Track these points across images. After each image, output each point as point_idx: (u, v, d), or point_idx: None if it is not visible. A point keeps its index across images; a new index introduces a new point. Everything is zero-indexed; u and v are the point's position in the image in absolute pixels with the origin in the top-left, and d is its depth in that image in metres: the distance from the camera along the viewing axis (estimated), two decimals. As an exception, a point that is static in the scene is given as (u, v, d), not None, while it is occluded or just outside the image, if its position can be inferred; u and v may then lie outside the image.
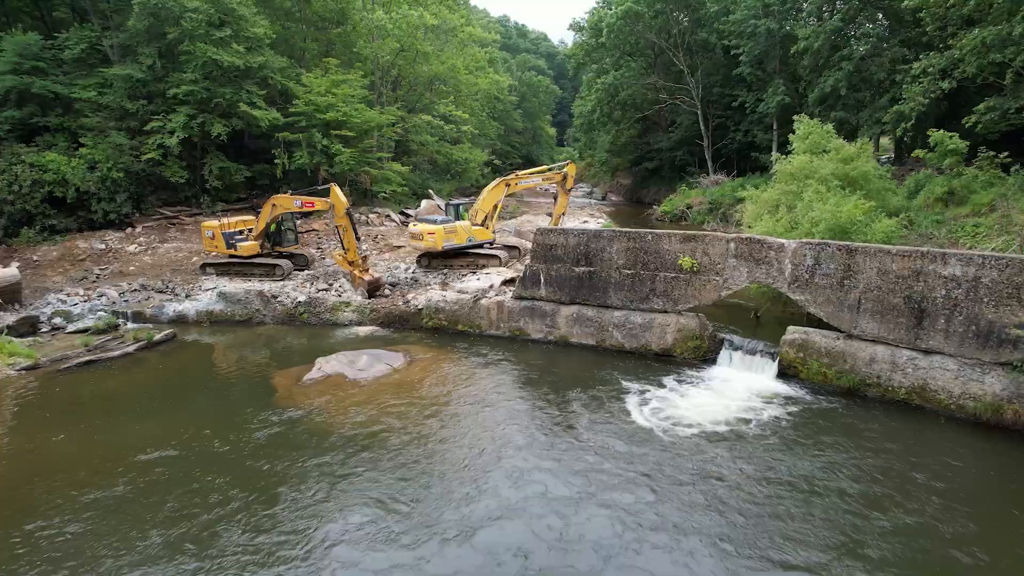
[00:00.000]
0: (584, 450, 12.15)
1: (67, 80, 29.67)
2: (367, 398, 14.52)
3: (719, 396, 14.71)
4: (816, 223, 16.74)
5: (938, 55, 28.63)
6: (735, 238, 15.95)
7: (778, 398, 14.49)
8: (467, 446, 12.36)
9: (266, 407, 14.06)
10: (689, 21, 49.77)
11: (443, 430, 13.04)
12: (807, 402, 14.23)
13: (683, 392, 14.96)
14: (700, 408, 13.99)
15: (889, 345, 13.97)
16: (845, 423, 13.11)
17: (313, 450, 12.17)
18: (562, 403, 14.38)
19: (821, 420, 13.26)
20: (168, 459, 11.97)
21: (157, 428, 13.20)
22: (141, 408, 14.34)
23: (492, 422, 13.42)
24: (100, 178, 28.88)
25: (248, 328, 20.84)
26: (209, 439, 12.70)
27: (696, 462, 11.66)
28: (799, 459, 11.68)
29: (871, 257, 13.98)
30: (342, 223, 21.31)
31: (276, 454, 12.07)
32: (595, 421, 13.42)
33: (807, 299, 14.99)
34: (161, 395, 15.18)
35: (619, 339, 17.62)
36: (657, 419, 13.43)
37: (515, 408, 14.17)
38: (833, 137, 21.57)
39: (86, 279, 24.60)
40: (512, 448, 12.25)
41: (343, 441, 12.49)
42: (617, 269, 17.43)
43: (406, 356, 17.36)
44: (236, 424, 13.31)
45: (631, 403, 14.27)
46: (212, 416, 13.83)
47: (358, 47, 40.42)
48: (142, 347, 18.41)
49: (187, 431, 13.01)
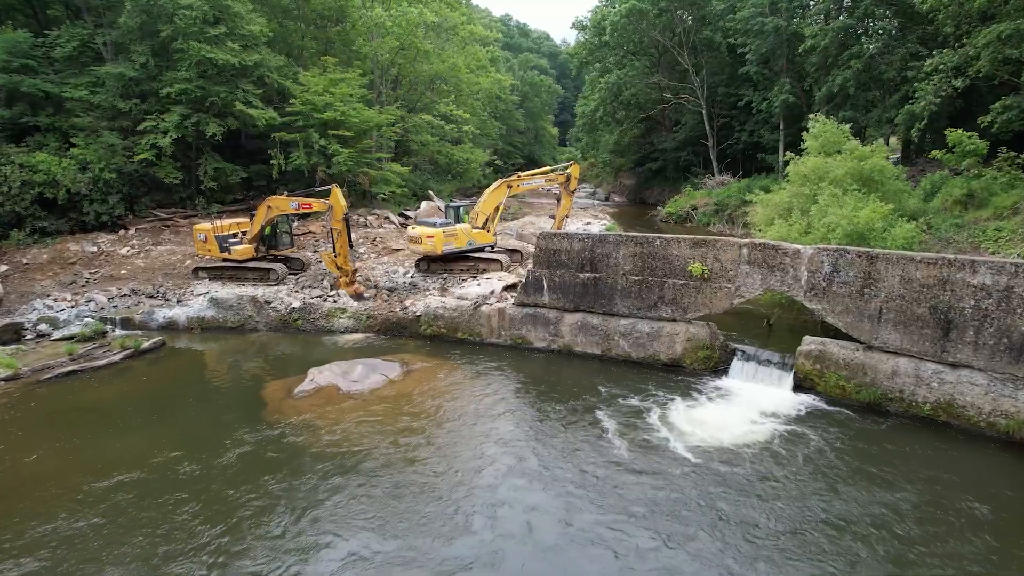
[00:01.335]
0: (588, 480, 11.20)
1: (58, 79, 28.96)
2: (359, 414, 13.77)
3: (731, 410, 13.95)
4: (832, 228, 15.95)
5: (951, 52, 27.86)
6: (748, 243, 15.18)
7: (794, 413, 13.72)
8: (463, 470, 11.57)
9: (253, 423, 13.32)
10: (693, 19, 48.98)
11: (438, 452, 12.22)
12: (825, 418, 13.46)
13: (693, 406, 14.20)
14: (712, 425, 13.22)
15: (913, 357, 13.20)
16: (868, 442, 12.34)
17: (298, 474, 11.35)
18: (565, 420, 13.61)
19: (843, 439, 12.48)
20: (139, 484, 11.13)
21: (136, 445, 12.46)
22: (123, 423, 13.61)
23: (490, 443, 12.61)
24: (92, 179, 28.15)
25: (240, 335, 20.13)
26: (188, 460, 11.91)
27: (709, 493, 10.85)
28: (824, 490, 10.77)
29: (893, 264, 13.21)
30: (337, 227, 20.68)
31: (256, 479, 11.24)
32: (600, 442, 12.60)
33: (824, 308, 14.22)
34: (145, 408, 14.43)
35: (626, 348, 16.87)
36: (667, 438, 12.65)
37: (515, 425, 13.39)
38: (848, 137, 20.76)
39: (75, 283, 23.90)
40: (511, 475, 11.42)
41: (330, 464, 11.67)
42: (624, 275, 16.68)
43: (403, 366, 16.63)
44: (219, 442, 12.55)
45: (638, 419, 13.50)
46: (195, 433, 13.08)
47: (357, 45, 39.66)
48: (129, 356, 17.71)
49: (166, 450, 12.25)
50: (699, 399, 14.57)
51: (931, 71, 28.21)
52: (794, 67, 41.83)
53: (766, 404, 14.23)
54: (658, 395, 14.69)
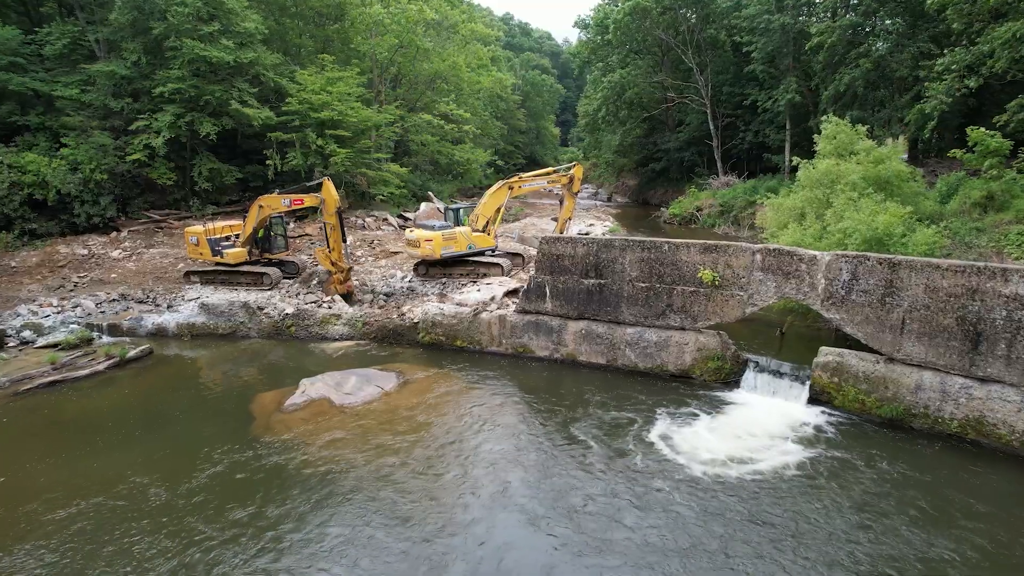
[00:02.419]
0: (591, 506, 10.37)
1: (48, 77, 28.31)
2: (352, 429, 13.03)
3: (744, 425, 13.20)
4: (849, 233, 15.19)
5: (964, 51, 27.12)
6: (762, 249, 14.43)
7: (811, 429, 12.97)
8: (460, 492, 10.80)
9: (238, 440, 12.58)
10: (698, 17, 48.24)
11: (434, 472, 11.46)
12: (845, 434, 12.71)
13: (704, 421, 13.45)
14: (723, 441, 12.48)
15: (938, 371, 12.44)
16: (893, 462, 11.56)
17: (273, 502, 10.46)
18: (568, 435, 12.85)
19: (866, 459, 11.72)
20: (100, 512, 10.22)
21: (109, 467, 11.65)
22: (101, 440, 12.84)
23: (489, 461, 11.82)
24: (83, 180, 27.53)
25: (232, 342, 19.40)
26: (160, 483, 11.07)
27: (721, 518, 10.13)
28: (853, 522, 9.90)
29: (917, 272, 12.45)
30: (331, 221, 20.15)
31: (228, 507, 10.31)
32: (604, 461, 11.81)
33: (843, 318, 13.47)
34: (125, 423, 13.66)
35: (632, 358, 16.12)
36: (675, 458, 11.89)
37: (512, 446, 12.53)
38: (863, 138, 20.00)
39: (63, 288, 23.20)
40: (510, 496, 10.66)
41: (310, 492, 10.78)
42: (630, 282, 15.93)
43: (399, 376, 15.89)
44: (198, 463, 11.73)
45: (645, 434, 12.76)
46: (175, 452, 12.26)
47: (355, 43, 38.98)
48: (114, 365, 16.97)
49: (140, 472, 11.45)
50: (710, 413, 13.82)
51: (943, 70, 27.49)
52: (800, 66, 41.08)
53: (781, 419, 13.49)
54: (666, 409, 13.94)
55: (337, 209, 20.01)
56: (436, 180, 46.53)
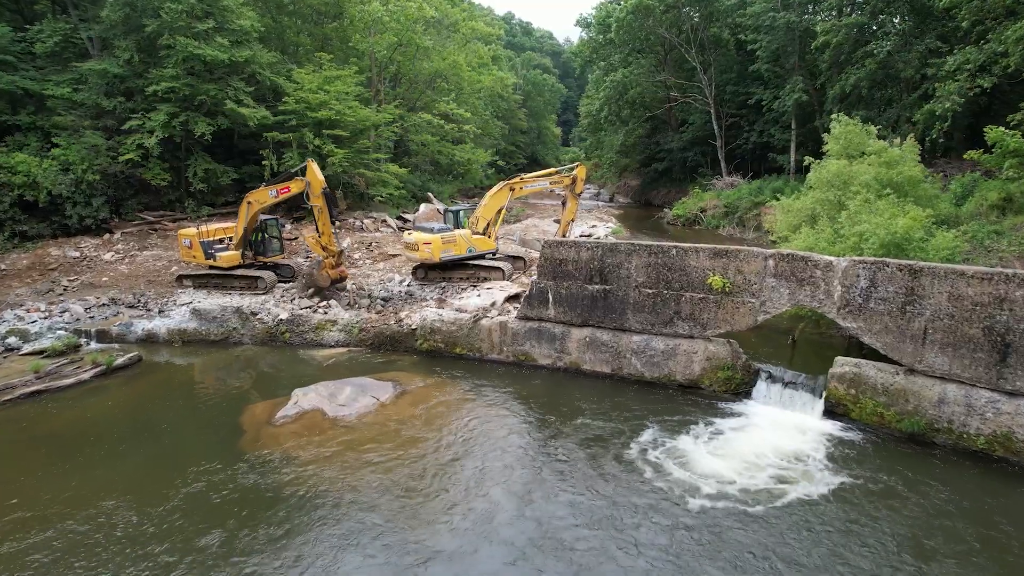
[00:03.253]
0: (584, 542, 9.56)
1: (39, 76, 27.71)
2: (343, 446, 12.39)
3: (756, 440, 12.58)
4: (865, 237, 14.55)
5: (975, 49, 26.48)
6: (774, 254, 13.80)
7: (827, 444, 12.34)
8: (449, 518, 10.10)
9: (224, 456, 11.94)
10: (701, 16, 47.57)
11: (423, 494, 10.78)
12: (863, 450, 12.08)
13: (713, 435, 12.83)
14: (734, 460, 11.82)
15: (963, 384, 11.80)
16: (926, 485, 10.86)
17: (256, 526, 9.82)
18: (569, 455, 12.17)
19: (887, 477, 11.08)
20: (60, 541, 9.49)
21: (84, 486, 10.98)
22: (83, 456, 12.18)
23: (481, 484, 11.08)
24: (74, 181, 26.89)
25: (224, 349, 18.79)
26: (134, 506, 10.36)
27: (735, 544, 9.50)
28: (897, 559, 9.12)
29: (941, 280, 11.81)
30: (318, 203, 19.61)
31: (200, 533, 9.63)
32: (606, 485, 11.09)
33: (860, 327, 12.84)
34: (108, 438, 13.03)
35: (638, 367, 15.49)
36: (682, 476, 11.26)
37: (511, 461, 11.90)
38: (874, 138, 19.36)
39: (52, 291, 22.59)
40: (499, 525, 9.93)
41: (296, 513, 10.15)
42: (636, 288, 15.30)
43: (395, 386, 15.27)
44: (177, 482, 11.04)
45: (651, 453, 12.11)
46: (155, 470, 11.57)
47: (354, 41, 38.35)
48: (100, 373, 16.36)
49: (115, 493, 10.75)
50: (720, 426, 13.20)
51: (954, 69, 26.84)
52: (806, 65, 40.42)
53: (794, 433, 12.88)
54: (674, 423, 13.32)
55: (323, 190, 19.50)
56: (436, 181, 45.89)
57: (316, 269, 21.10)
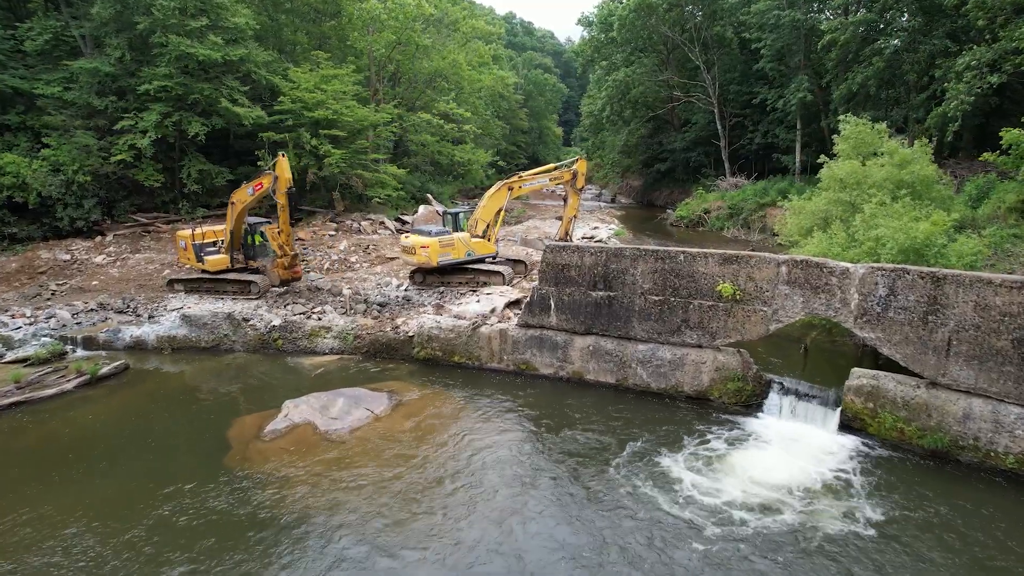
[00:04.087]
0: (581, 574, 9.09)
1: (29, 74, 27.09)
2: (335, 462, 11.74)
3: (768, 456, 11.95)
4: (882, 243, 13.90)
5: (986, 47, 25.83)
6: (788, 260, 13.15)
7: (844, 461, 11.70)
8: (439, 546, 9.46)
9: (208, 475, 11.30)
10: (704, 14, 46.91)
11: (412, 514, 10.14)
12: (883, 468, 11.43)
13: (723, 450, 12.19)
14: (746, 476, 11.20)
15: (990, 399, 11.15)
16: (943, 504, 10.26)
17: (223, 557, 9.09)
18: (569, 473, 11.52)
19: (910, 498, 10.44)
20: None
21: (60, 509, 10.28)
22: (59, 475, 11.49)
23: (473, 509, 10.38)
24: (65, 182, 26.28)
25: (215, 356, 18.16)
26: (104, 532, 9.67)
27: None
28: None
29: (966, 288, 11.17)
30: (281, 200, 19.64)
31: (167, 564, 8.95)
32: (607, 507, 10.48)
33: (879, 337, 12.19)
34: (88, 455, 12.34)
35: (644, 378, 14.84)
36: (691, 496, 10.63)
37: (508, 480, 11.25)
38: (886, 138, 18.71)
39: (39, 296, 21.97)
40: (491, 554, 9.29)
41: (273, 540, 9.49)
42: (642, 295, 14.65)
43: (391, 397, 14.63)
44: (156, 503, 10.39)
45: (656, 471, 11.45)
46: (135, 490, 10.87)
47: (352, 40, 37.71)
48: (84, 383, 15.72)
49: (88, 516, 10.07)
50: (730, 440, 12.57)
51: (963, 69, 26.20)
52: (811, 63, 39.75)
53: (809, 448, 12.25)
54: (681, 438, 12.68)
55: (288, 189, 19.43)
56: (436, 181, 45.27)
57: (270, 265, 21.23)
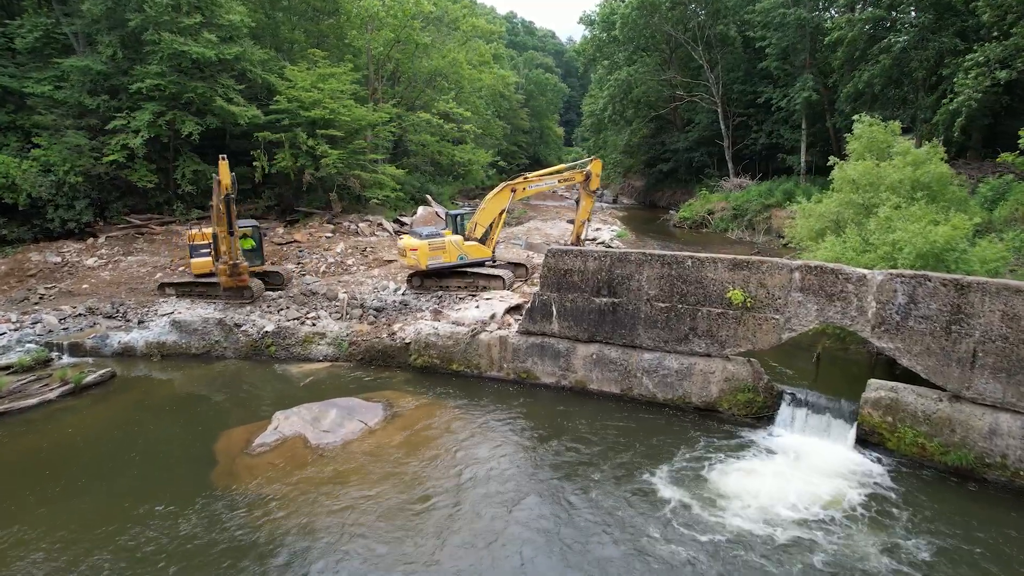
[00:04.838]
0: None
1: (19, 73, 26.51)
2: (325, 480, 11.14)
3: (780, 472, 11.34)
4: (899, 247, 13.29)
5: (996, 44, 25.25)
6: (801, 266, 12.54)
7: (862, 478, 11.10)
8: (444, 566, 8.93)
9: (192, 493, 10.70)
10: (708, 13, 46.27)
11: (400, 535, 9.56)
12: (904, 485, 10.83)
13: (732, 466, 11.58)
14: (757, 494, 10.59)
15: (1019, 414, 10.54)
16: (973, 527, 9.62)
17: None
18: (570, 490, 10.92)
19: (935, 522, 9.82)
20: None
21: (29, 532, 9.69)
22: (33, 495, 10.83)
23: (466, 531, 9.79)
24: (56, 182, 25.71)
25: (205, 363, 17.59)
26: (67, 557, 9.09)
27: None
28: None
29: (992, 297, 10.56)
30: (220, 206, 18.34)
31: None
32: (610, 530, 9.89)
33: (898, 348, 11.58)
34: (67, 470, 11.74)
35: (650, 388, 14.24)
36: (698, 515, 10.02)
37: (504, 497, 10.67)
38: (899, 138, 18.11)
39: (27, 300, 21.39)
40: None
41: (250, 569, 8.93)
42: (648, 301, 14.05)
43: (385, 408, 14.04)
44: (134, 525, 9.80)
45: (661, 489, 10.82)
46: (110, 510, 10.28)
47: (350, 38, 37.11)
48: (68, 392, 15.14)
49: (54, 539, 9.47)
50: (740, 455, 11.97)
51: (972, 66, 25.61)
52: (817, 62, 39.12)
53: (824, 464, 11.65)
54: (688, 453, 12.07)
55: (226, 195, 18.03)
56: (436, 182, 44.67)
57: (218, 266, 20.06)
